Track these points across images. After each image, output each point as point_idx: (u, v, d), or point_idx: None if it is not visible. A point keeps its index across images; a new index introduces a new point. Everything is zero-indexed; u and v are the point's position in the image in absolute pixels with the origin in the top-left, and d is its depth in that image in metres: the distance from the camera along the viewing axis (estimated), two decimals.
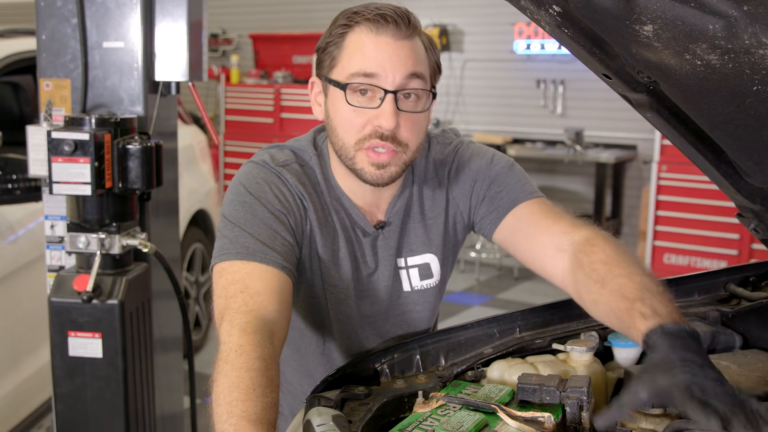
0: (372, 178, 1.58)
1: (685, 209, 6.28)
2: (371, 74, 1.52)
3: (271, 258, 1.47)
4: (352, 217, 1.68)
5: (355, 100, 1.54)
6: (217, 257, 1.50)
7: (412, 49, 1.54)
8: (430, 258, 1.77)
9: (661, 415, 1.26)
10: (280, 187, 1.59)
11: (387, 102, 1.52)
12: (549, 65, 7.70)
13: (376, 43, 1.52)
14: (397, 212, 1.72)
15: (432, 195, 1.75)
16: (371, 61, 1.52)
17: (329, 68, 1.59)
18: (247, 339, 1.28)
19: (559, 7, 1.31)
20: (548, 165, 7.82)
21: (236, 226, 1.51)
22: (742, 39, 1.11)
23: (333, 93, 1.58)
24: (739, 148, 1.44)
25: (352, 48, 1.54)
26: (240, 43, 9.51)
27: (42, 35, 2.51)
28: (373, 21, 1.52)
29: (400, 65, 1.52)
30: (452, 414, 1.30)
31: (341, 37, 1.56)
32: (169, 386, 2.89)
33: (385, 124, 1.52)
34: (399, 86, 1.52)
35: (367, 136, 1.54)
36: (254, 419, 1.14)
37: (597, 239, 1.52)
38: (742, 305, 1.73)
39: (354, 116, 1.55)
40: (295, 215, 1.59)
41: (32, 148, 2.49)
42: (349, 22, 1.55)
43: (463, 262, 7.74)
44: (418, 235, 1.75)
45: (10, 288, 3.17)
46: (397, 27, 1.52)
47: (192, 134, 5.18)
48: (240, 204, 1.55)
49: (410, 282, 1.76)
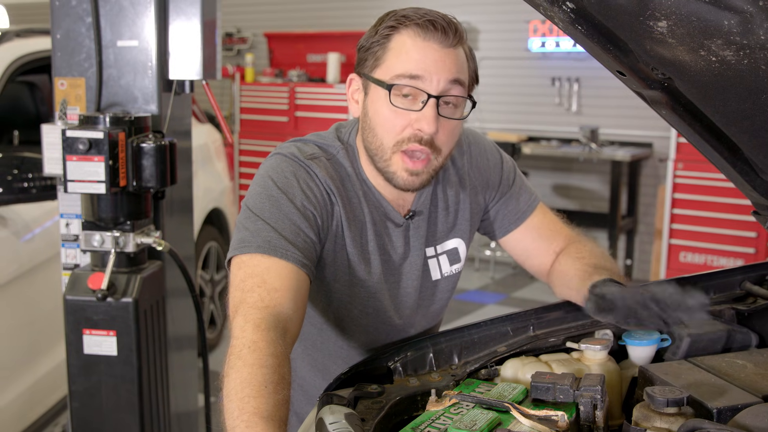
0: (404, 184, 1.60)
1: (701, 207, 6.24)
2: (416, 76, 1.54)
3: (292, 255, 1.47)
4: (382, 209, 1.69)
5: (398, 101, 1.56)
6: (236, 249, 1.49)
7: (456, 56, 1.57)
8: (458, 242, 1.82)
9: (675, 414, 1.25)
10: (308, 181, 1.59)
11: (429, 106, 1.54)
12: (564, 63, 7.67)
13: (424, 47, 1.54)
14: (424, 201, 1.75)
15: (455, 182, 1.80)
16: (417, 63, 1.54)
17: (372, 67, 1.60)
18: (261, 335, 1.28)
19: (573, 4, 1.30)
20: (563, 163, 7.79)
21: (260, 219, 1.51)
22: (757, 35, 1.10)
23: (375, 92, 1.60)
24: (756, 145, 1.43)
25: (399, 49, 1.56)
26: (255, 42, 9.52)
27: (57, 34, 2.52)
28: (422, 26, 1.55)
29: (444, 71, 1.54)
30: (465, 412, 1.30)
31: (387, 38, 1.58)
32: (183, 384, 2.91)
33: (426, 128, 1.54)
34: (442, 91, 1.55)
35: (406, 138, 1.57)
36: (266, 416, 1.14)
37: (577, 244, 1.83)
38: (758, 303, 1.72)
39: (395, 117, 1.56)
40: (322, 210, 1.59)
41: (47, 147, 2.51)
42: (398, 24, 1.57)
43: (478, 261, 7.73)
44: (445, 222, 1.79)
45: (27, 286, 3.19)
46: (444, 35, 1.55)
47: (207, 133, 5.20)
48: (267, 197, 1.55)
49: (440, 269, 1.81)
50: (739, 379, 1.41)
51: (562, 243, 1.86)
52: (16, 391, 3.12)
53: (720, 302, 1.76)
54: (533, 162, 7.77)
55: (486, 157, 1.86)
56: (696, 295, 1.45)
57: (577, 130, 7.41)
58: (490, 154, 1.87)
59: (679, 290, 1.46)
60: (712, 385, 1.39)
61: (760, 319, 1.68)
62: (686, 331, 1.59)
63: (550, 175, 7.93)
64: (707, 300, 1.45)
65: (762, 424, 1.16)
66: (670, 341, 1.60)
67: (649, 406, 1.27)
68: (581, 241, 1.86)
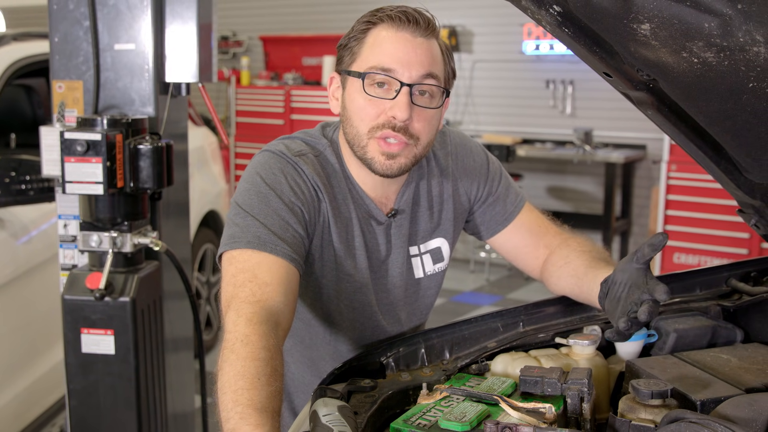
0: (381, 168, 1.63)
1: (694, 208, 6.28)
2: (389, 69, 1.58)
3: (282, 249, 1.50)
4: (366, 207, 1.73)
5: (372, 90, 1.60)
6: (227, 244, 1.53)
7: (428, 48, 1.61)
8: (441, 242, 1.85)
9: (660, 406, 1.29)
10: (295, 178, 1.63)
11: (402, 94, 1.58)
12: (558, 65, 7.71)
13: (397, 38, 1.59)
14: (407, 201, 1.78)
15: (438, 182, 1.83)
16: (390, 56, 1.59)
17: (349, 62, 1.65)
18: (253, 329, 1.32)
19: (560, 7, 1.34)
20: (558, 165, 7.83)
21: (249, 215, 1.54)
22: (736, 37, 1.13)
23: (351, 84, 1.64)
24: (738, 144, 1.47)
25: (372, 42, 1.61)
26: (250, 45, 9.55)
27: (55, 38, 2.55)
28: (394, 18, 1.59)
29: (416, 62, 1.59)
30: (455, 405, 1.33)
31: (363, 33, 1.63)
32: (180, 385, 2.93)
33: (399, 114, 1.58)
34: (415, 80, 1.59)
35: (381, 125, 1.60)
36: (259, 407, 1.18)
37: (578, 239, 1.86)
38: (743, 300, 1.75)
39: (369, 106, 1.61)
40: (309, 206, 1.62)
41: (45, 149, 2.54)
42: (372, 19, 1.62)
43: (473, 263, 7.76)
44: (428, 221, 1.82)
45: (24, 287, 3.21)
46: (416, 25, 1.59)
47: (203, 136, 5.22)
48: (255, 194, 1.58)
49: (423, 268, 1.83)
50: (723, 372, 1.44)
51: (551, 239, 1.89)
52: (13, 392, 3.14)
53: (706, 299, 1.79)
54: (528, 164, 7.81)
55: (472, 158, 1.89)
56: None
57: (571, 132, 7.45)
58: (476, 155, 1.90)
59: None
60: (696, 378, 1.42)
61: (745, 315, 1.71)
62: (673, 326, 1.62)
63: (545, 177, 7.97)
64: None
65: (742, 414, 1.19)
66: (657, 337, 1.63)
67: (634, 398, 1.30)
68: (580, 237, 1.89)
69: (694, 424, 1.13)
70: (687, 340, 1.62)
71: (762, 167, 1.50)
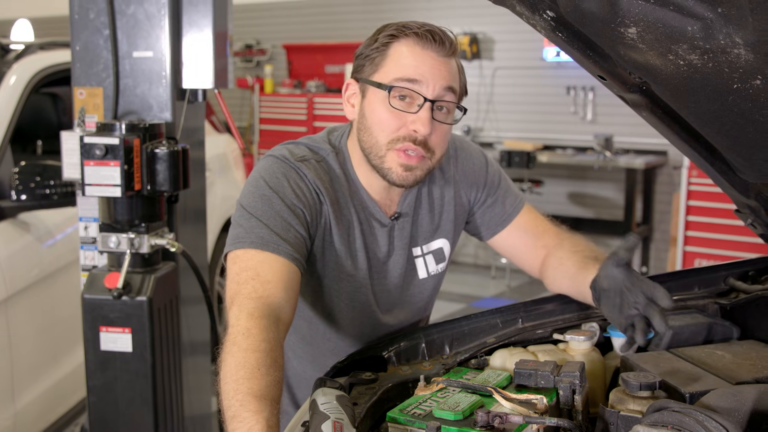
0: (398, 179, 1.69)
1: (715, 214, 6.25)
2: (414, 80, 1.64)
3: (283, 249, 1.56)
4: (369, 210, 1.78)
5: (396, 103, 1.66)
6: (232, 244, 1.60)
7: (450, 66, 1.68)
8: (443, 243, 1.91)
9: (648, 398, 1.32)
10: (298, 182, 1.68)
11: (424, 109, 1.65)
12: (579, 72, 7.70)
13: (422, 55, 1.66)
14: (409, 204, 1.84)
15: (440, 186, 1.89)
16: (415, 69, 1.65)
17: (370, 72, 1.70)
18: (254, 323, 1.38)
19: (553, 12, 1.38)
20: (579, 171, 7.83)
21: (253, 217, 1.61)
22: (718, 39, 1.16)
23: (372, 94, 1.70)
24: (728, 144, 1.50)
25: (398, 56, 1.67)
26: (274, 54, 9.65)
27: (76, 46, 2.64)
28: (421, 36, 1.66)
29: (440, 78, 1.65)
30: (450, 396, 1.38)
31: (387, 45, 1.68)
32: (197, 388, 3.00)
33: (421, 129, 1.65)
34: (437, 96, 1.65)
35: (401, 138, 1.66)
36: (259, 395, 1.24)
37: (573, 239, 1.91)
38: (740, 298, 1.78)
39: (391, 118, 1.66)
40: (311, 208, 1.68)
41: (66, 153, 2.62)
42: (398, 33, 1.68)
43: (494, 269, 7.78)
44: (429, 223, 1.88)
45: (49, 290, 3.28)
46: (441, 45, 1.66)
47: (226, 143, 5.28)
48: (259, 197, 1.64)
49: (427, 268, 1.89)
50: (716, 367, 1.47)
51: (550, 239, 1.93)
52: (37, 392, 3.21)
53: (704, 297, 1.82)
54: (549, 170, 7.82)
55: (472, 161, 1.94)
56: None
57: (591, 138, 7.45)
58: (476, 158, 1.95)
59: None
60: (688, 372, 1.45)
61: (742, 312, 1.74)
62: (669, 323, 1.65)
63: (566, 184, 7.97)
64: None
65: (725, 404, 1.22)
66: (653, 333, 1.66)
67: (624, 390, 1.34)
68: (574, 237, 1.93)
69: (676, 412, 1.17)
70: (683, 336, 1.65)
71: (754, 167, 1.53)
